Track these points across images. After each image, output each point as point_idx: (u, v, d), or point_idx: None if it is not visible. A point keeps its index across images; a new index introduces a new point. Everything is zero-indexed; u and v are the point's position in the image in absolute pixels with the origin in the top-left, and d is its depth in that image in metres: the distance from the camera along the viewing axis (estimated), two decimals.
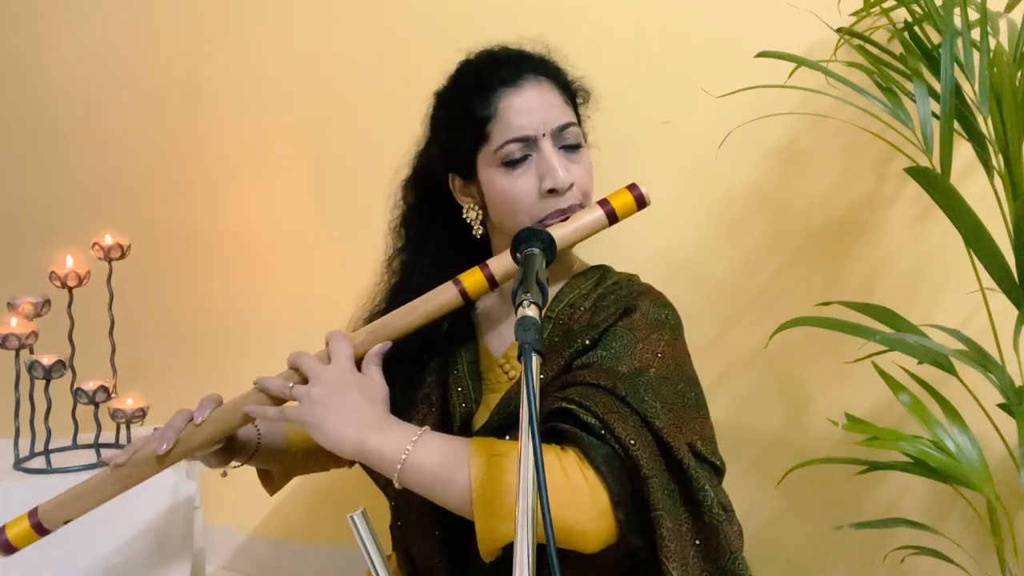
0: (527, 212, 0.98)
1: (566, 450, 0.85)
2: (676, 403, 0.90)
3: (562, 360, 0.95)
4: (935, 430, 1.04)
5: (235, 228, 1.72)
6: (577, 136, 1.01)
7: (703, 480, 0.85)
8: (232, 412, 0.96)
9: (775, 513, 1.33)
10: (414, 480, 0.86)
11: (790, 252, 1.32)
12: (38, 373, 1.35)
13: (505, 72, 1.00)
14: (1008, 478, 1.14)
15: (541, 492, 0.59)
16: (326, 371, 0.92)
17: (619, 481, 0.83)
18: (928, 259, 1.26)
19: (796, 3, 1.22)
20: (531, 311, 0.72)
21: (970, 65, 1.02)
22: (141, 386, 1.50)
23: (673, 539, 0.83)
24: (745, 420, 1.34)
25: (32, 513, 0.97)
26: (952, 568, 1.14)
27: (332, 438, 0.88)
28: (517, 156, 0.98)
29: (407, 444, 0.86)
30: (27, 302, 1.39)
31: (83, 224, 1.53)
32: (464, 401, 1.01)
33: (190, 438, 0.95)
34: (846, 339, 1.07)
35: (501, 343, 1.06)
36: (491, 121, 0.99)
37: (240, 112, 1.70)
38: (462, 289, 0.95)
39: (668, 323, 0.97)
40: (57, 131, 1.86)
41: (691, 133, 1.33)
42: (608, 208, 0.96)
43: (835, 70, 1.07)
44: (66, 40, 1.85)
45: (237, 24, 1.70)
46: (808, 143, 1.30)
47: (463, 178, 1.05)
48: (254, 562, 1.70)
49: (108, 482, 0.96)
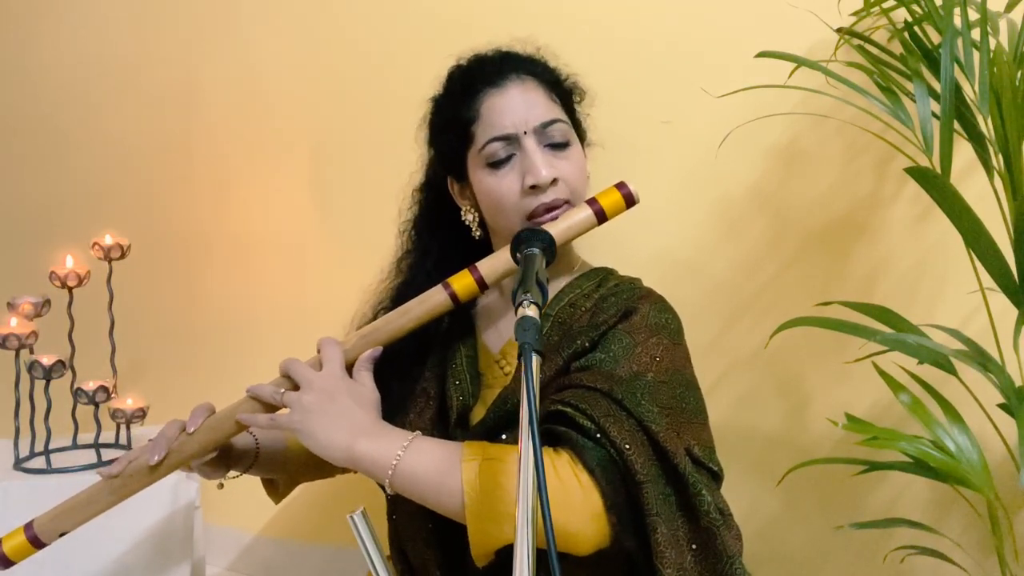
0: (514, 210, 0.99)
1: (559, 452, 0.85)
2: (674, 408, 0.89)
3: (560, 360, 0.95)
4: (935, 430, 1.04)
5: (235, 228, 1.72)
6: (564, 133, 1.01)
7: (700, 485, 0.85)
8: (224, 420, 0.96)
9: (775, 513, 1.33)
10: (406, 486, 0.86)
11: (790, 252, 1.32)
12: (38, 373, 1.35)
13: (489, 73, 1.02)
14: (1008, 478, 1.14)
15: (541, 494, 0.59)
16: (317, 377, 0.91)
17: (613, 485, 0.83)
18: (928, 259, 1.26)
19: (796, 3, 1.22)
20: (531, 311, 0.71)
21: (970, 65, 1.02)
22: (141, 386, 1.50)
23: (669, 545, 0.82)
24: (745, 420, 1.34)
25: (28, 526, 0.96)
26: (952, 568, 1.14)
27: (323, 445, 0.88)
28: (501, 156, 0.99)
29: (398, 450, 0.86)
30: (27, 302, 1.39)
31: (83, 224, 1.53)
32: (461, 395, 1.01)
33: (183, 448, 0.95)
34: (846, 339, 1.07)
35: (499, 339, 1.06)
36: (475, 122, 1.00)
37: (240, 112, 1.70)
38: (452, 292, 0.96)
39: (668, 327, 0.97)
40: (57, 131, 1.86)
41: (691, 133, 1.33)
42: (597, 207, 0.96)
43: (835, 70, 1.07)
44: (66, 40, 1.85)
45: (237, 24, 1.70)
46: (808, 143, 1.30)
47: (458, 181, 1.07)
48: (254, 562, 1.70)
49: (103, 493, 0.96)
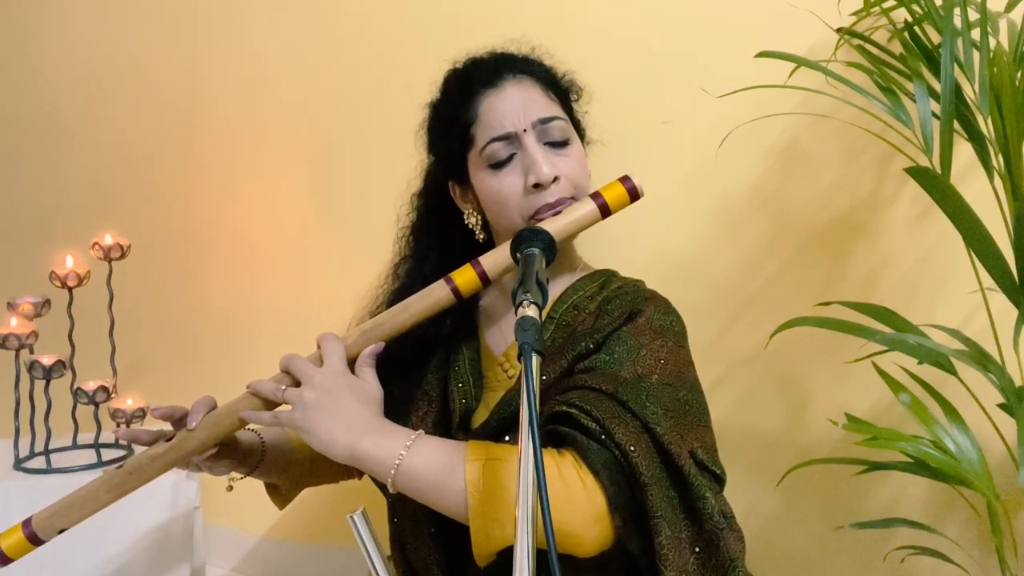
0: (517, 210, 0.99)
1: (563, 453, 0.85)
2: (678, 410, 0.89)
3: (565, 362, 0.94)
4: (935, 430, 1.04)
5: (235, 228, 1.72)
6: (564, 130, 1.01)
7: (704, 488, 0.84)
8: (225, 416, 0.95)
9: (775, 513, 1.33)
10: (409, 485, 0.86)
11: (790, 252, 1.32)
12: (38, 373, 1.35)
13: (486, 74, 1.02)
14: (1008, 478, 1.14)
15: (541, 495, 0.58)
16: (318, 374, 0.90)
17: (617, 486, 0.83)
18: (928, 259, 1.26)
19: (796, 3, 1.22)
20: (531, 311, 0.71)
21: (970, 65, 1.02)
22: (141, 386, 1.50)
23: (672, 547, 0.82)
24: (745, 420, 1.34)
25: (26, 523, 0.95)
26: (952, 568, 1.14)
27: (324, 442, 0.87)
28: (502, 156, 0.98)
29: (401, 449, 0.85)
30: (27, 302, 1.39)
31: (83, 224, 1.53)
32: (464, 397, 1.01)
33: (184, 443, 0.94)
34: (846, 339, 1.07)
35: (502, 341, 1.06)
36: (474, 123, 1.00)
37: (240, 113, 1.70)
38: (454, 287, 0.95)
39: (672, 329, 0.96)
40: (58, 131, 1.86)
41: (691, 133, 1.33)
42: (600, 201, 0.95)
43: (835, 70, 1.07)
44: (67, 40, 1.85)
45: (238, 25, 1.70)
46: (808, 143, 1.30)
47: (460, 184, 1.07)
48: (254, 562, 1.70)
49: (102, 490, 0.95)
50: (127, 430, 0.99)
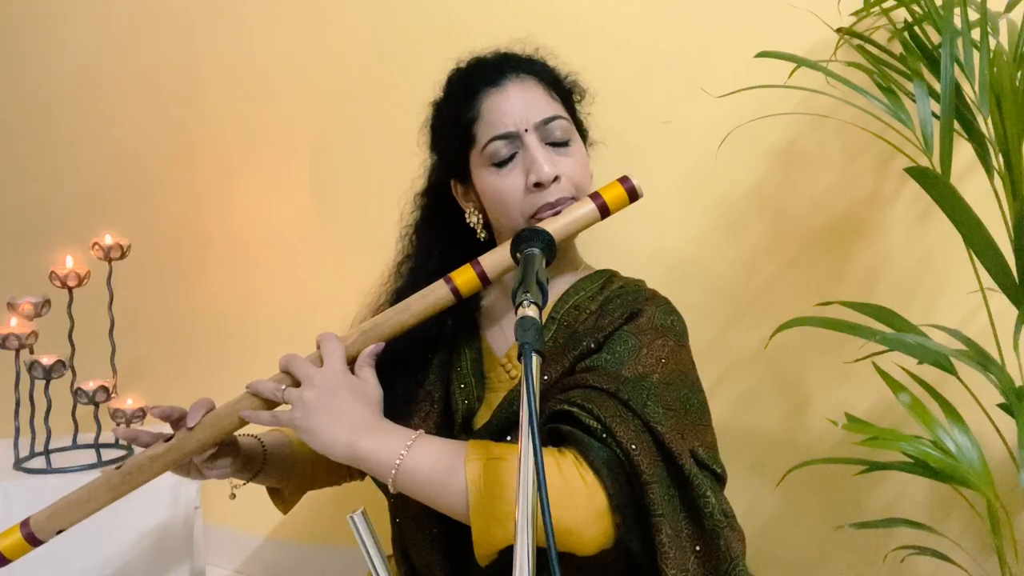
0: (518, 209, 0.99)
1: (564, 452, 0.85)
2: (679, 409, 0.89)
3: (566, 362, 0.94)
4: (935, 430, 1.04)
5: (235, 228, 1.72)
6: (566, 130, 1.01)
7: (704, 487, 0.85)
8: (225, 416, 0.94)
9: (775, 513, 1.33)
10: (410, 485, 0.86)
11: (790, 252, 1.32)
12: (38, 373, 1.35)
13: (488, 73, 1.02)
14: (1008, 478, 1.14)
15: (542, 494, 0.58)
16: (318, 374, 0.90)
17: (618, 485, 0.83)
18: (928, 259, 1.26)
19: (796, 3, 1.22)
20: (531, 311, 0.71)
21: (970, 65, 1.02)
22: (141, 386, 1.50)
23: (673, 545, 0.82)
24: (745, 420, 1.34)
25: (24, 524, 0.95)
26: (952, 568, 1.14)
27: (324, 442, 0.87)
28: (504, 155, 0.99)
29: (402, 448, 0.85)
30: (27, 302, 1.39)
31: (83, 224, 1.53)
32: (466, 398, 1.01)
33: (183, 443, 0.94)
34: (846, 339, 1.07)
35: (504, 342, 1.06)
36: (476, 122, 1.00)
37: (241, 112, 1.70)
38: (454, 287, 0.95)
39: (673, 329, 0.97)
40: (57, 131, 1.86)
41: (691, 133, 1.33)
42: (600, 201, 0.95)
43: (835, 70, 1.07)
44: (67, 40, 1.85)
45: (238, 25, 1.70)
46: (808, 143, 1.30)
47: (461, 183, 1.07)
48: (254, 562, 1.70)
49: (101, 490, 0.95)
50: (127, 430, 0.99)
